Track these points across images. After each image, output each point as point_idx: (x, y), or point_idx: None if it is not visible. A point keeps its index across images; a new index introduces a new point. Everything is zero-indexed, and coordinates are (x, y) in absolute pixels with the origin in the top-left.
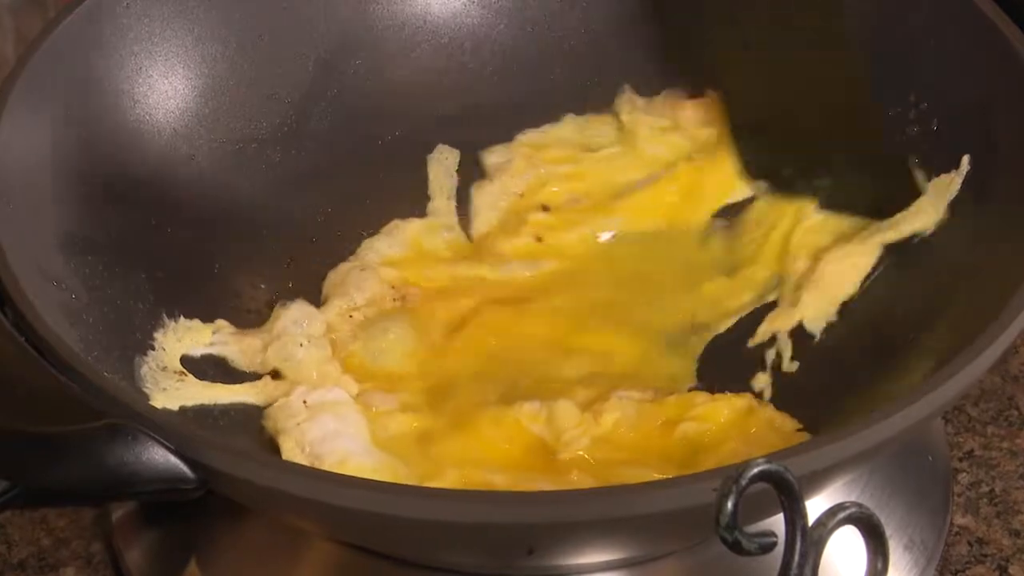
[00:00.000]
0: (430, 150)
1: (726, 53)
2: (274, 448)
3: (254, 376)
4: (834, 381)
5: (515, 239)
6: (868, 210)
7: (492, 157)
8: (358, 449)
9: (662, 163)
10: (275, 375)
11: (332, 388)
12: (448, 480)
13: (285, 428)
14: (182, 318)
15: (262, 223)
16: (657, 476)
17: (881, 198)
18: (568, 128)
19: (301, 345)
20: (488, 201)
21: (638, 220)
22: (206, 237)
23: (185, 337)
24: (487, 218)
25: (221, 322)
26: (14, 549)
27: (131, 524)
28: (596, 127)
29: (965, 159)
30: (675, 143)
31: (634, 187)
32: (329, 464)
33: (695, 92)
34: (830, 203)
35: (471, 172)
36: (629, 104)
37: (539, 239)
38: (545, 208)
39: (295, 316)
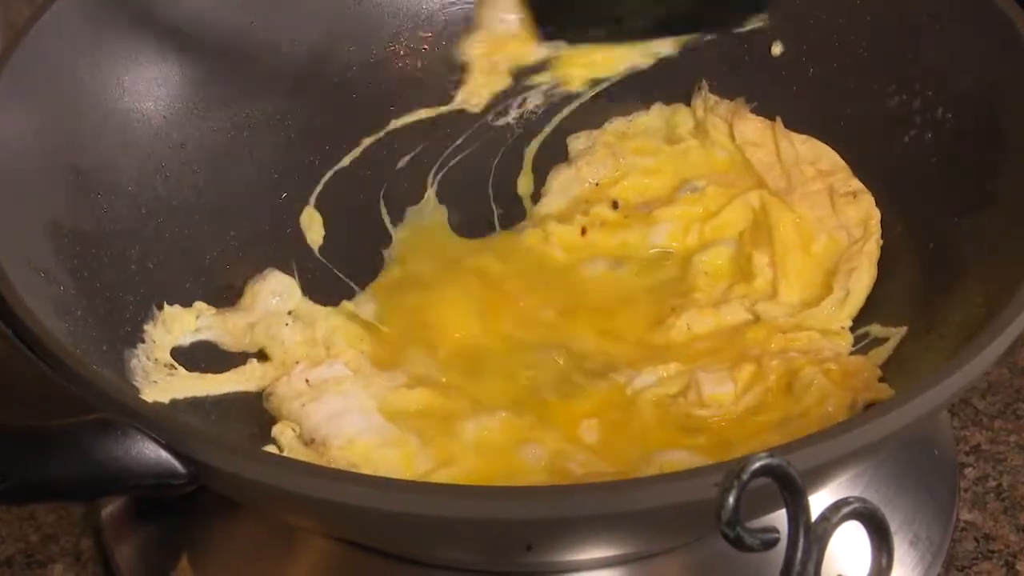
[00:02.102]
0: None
1: None
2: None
3: (241, 360)
4: None
5: (563, 226)
6: None
7: (577, 143)
8: (366, 426)
9: (722, 167)
10: (261, 357)
11: (332, 363)
12: (464, 466)
13: (290, 410)
14: (165, 305)
15: (256, 212)
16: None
17: None
18: (655, 117)
19: (287, 325)
20: (561, 185)
21: (675, 235)
22: (198, 227)
23: (174, 328)
24: (554, 201)
25: (201, 304)
26: (1, 546)
27: (121, 520)
28: (682, 116)
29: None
30: (723, 153)
31: (681, 194)
32: (336, 445)
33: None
34: None
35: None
36: (702, 102)
37: (584, 232)
38: (615, 205)
39: (272, 287)
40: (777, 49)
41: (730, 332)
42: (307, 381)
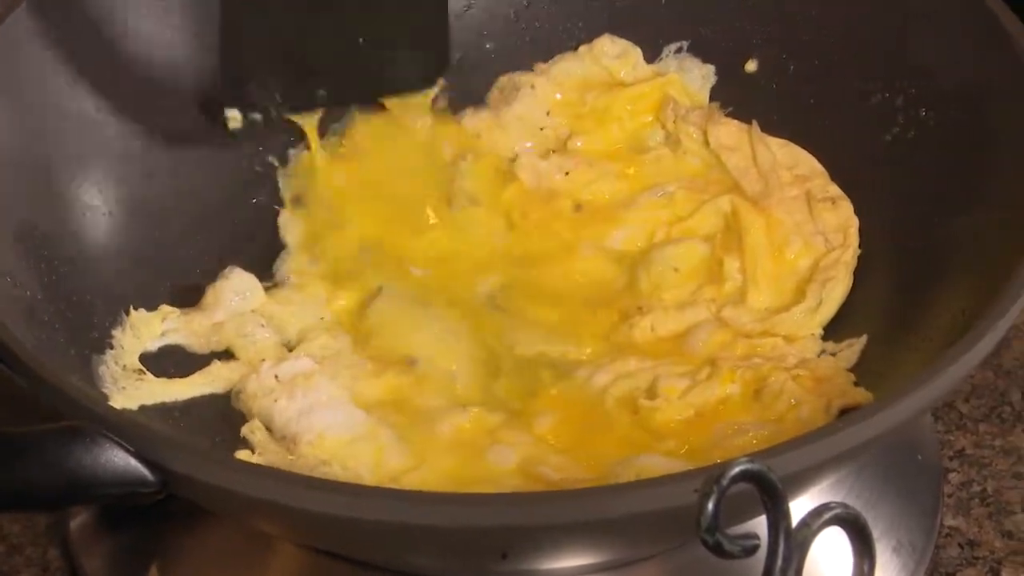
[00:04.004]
0: None
1: None
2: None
3: (206, 362)
4: None
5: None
6: None
7: None
8: (335, 421)
9: (691, 175)
10: (226, 357)
11: (298, 358)
12: (435, 467)
13: (260, 407)
14: (132, 310)
15: (228, 216)
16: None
17: None
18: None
19: (262, 325)
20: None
21: (637, 239)
22: (168, 230)
23: (142, 332)
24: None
25: (166, 307)
26: None
27: (89, 530)
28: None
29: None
30: (696, 160)
31: (648, 198)
32: (307, 441)
33: (737, 114)
34: None
35: None
36: (673, 111)
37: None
38: (578, 207)
39: (234, 286)
40: (752, 66)
41: (693, 335)
42: (276, 377)
